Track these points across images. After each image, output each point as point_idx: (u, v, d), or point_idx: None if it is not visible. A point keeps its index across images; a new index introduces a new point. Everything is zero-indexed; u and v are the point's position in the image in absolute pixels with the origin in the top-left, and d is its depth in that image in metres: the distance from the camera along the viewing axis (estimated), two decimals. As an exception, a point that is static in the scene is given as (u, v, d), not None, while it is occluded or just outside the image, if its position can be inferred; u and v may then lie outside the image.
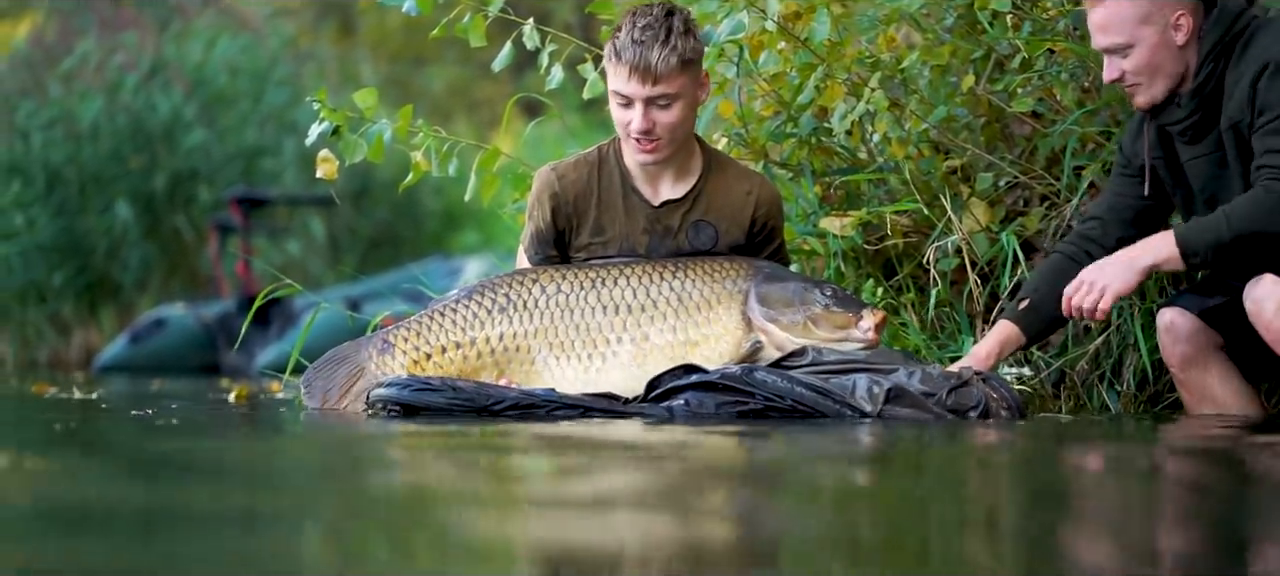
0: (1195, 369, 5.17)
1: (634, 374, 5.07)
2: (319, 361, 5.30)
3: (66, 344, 14.97)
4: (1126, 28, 4.95)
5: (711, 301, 5.09)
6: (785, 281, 5.13)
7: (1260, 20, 4.96)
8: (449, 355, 5.16)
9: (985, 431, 4.58)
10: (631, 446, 4.15)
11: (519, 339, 5.13)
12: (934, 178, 5.80)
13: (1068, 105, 5.68)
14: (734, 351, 5.08)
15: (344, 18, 21.06)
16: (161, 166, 15.21)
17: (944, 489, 3.38)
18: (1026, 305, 5.17)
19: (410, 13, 5.65)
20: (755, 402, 4.89)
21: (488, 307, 5.16)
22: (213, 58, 15.97)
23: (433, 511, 2.94)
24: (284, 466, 3.87)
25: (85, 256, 15.02)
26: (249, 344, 12.39)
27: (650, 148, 5.10)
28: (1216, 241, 4.89)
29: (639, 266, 5.14)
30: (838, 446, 4.24)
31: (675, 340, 5.09)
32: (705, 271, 5.11)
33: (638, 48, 5.03)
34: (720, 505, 3.05)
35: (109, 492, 3.15)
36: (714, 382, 4.92)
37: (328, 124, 5.62)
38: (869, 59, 5.79)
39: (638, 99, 5.06)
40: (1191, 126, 5.00)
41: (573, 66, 5.85)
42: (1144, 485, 3.49)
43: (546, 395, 4.97)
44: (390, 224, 16.85)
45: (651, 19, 5.06)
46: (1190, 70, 4.97)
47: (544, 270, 5.19)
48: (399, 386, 5.02)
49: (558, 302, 5.12)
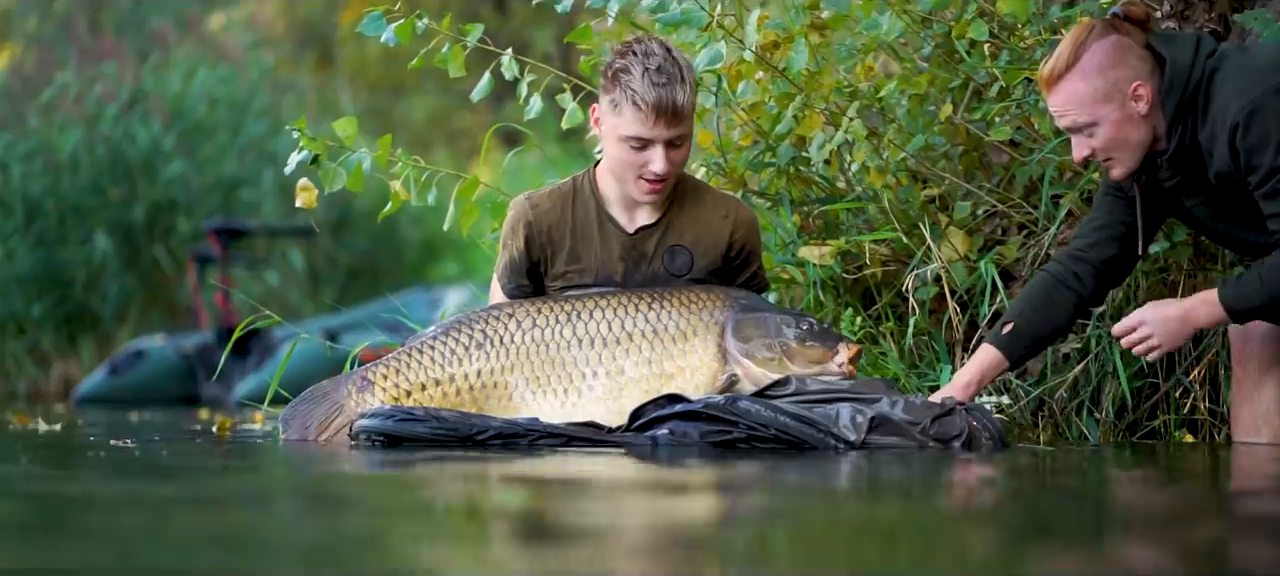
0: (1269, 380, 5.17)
1: (611, 407, 5.07)
2: (298, 399, 5.29)
3: (46, 375, 14.93)
4: (1086, 108, 4.87)
5: (687, 333, 5.08)
6: (761, 313, 5.11)
7: (1215, 64, 4.86)
8: (428, 392, 5.16)
9: (969, 460, 4.57)
10: (610, 479, 4.14)
11: (496, 375, 5.13)
12: (912, 207, 5.81)
13: (1045, 134, 5.69)
14: (710, 384, 5.07)
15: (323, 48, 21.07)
16: (141, 197, 15.19)
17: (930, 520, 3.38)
18: (1010, 330, 5.13)
19: (389, 43, 5.66)
20: (738, 432, 4.88)
21: (465, 344, 5.16)
22: (192, 88, 15.96)
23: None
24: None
25: (64, 288, 14.98)
26: (228, 375, 12.37)
27: (660, 187, 5.10)
28: (1261, 302, 4.90)
29: (614, 298, 5.13)
30: (821, 480, 4.24)
31: (650, 373, 5.08)
32: (681, 303, 5.11)
33: (660, 90, 4.99)
34: (707, 537, 3.04)
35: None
36: (697, 412, 4.92)
37: (307, 153, 5.62)
38: (847, 88, 5.81)
39: (659, 141, 5.03)
40: (1180, 183, 4.98)
41: (551, 96, 5.85)
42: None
43: (530, 424, 4.97)
44: (370, 254, 16.83)
45: (661, 60, 5.02)
46: (1160, 133, 4.91)
47: (520, 304, 5.18)
48: (382, 416, 5.02)
49: (534, 337, 5.12)
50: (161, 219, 15.29)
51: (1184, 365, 5.57)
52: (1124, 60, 4.88)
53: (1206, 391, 5.55)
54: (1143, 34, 4.91)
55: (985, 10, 5.70)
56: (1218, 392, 5.53)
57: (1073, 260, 5.14)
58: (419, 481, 4.12)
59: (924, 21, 5.86)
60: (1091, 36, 4.88)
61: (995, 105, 5.72)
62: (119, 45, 16.52)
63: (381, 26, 5.65)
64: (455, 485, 3.98)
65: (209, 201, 15.51)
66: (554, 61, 6.21)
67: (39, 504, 3.54)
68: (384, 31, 5.65)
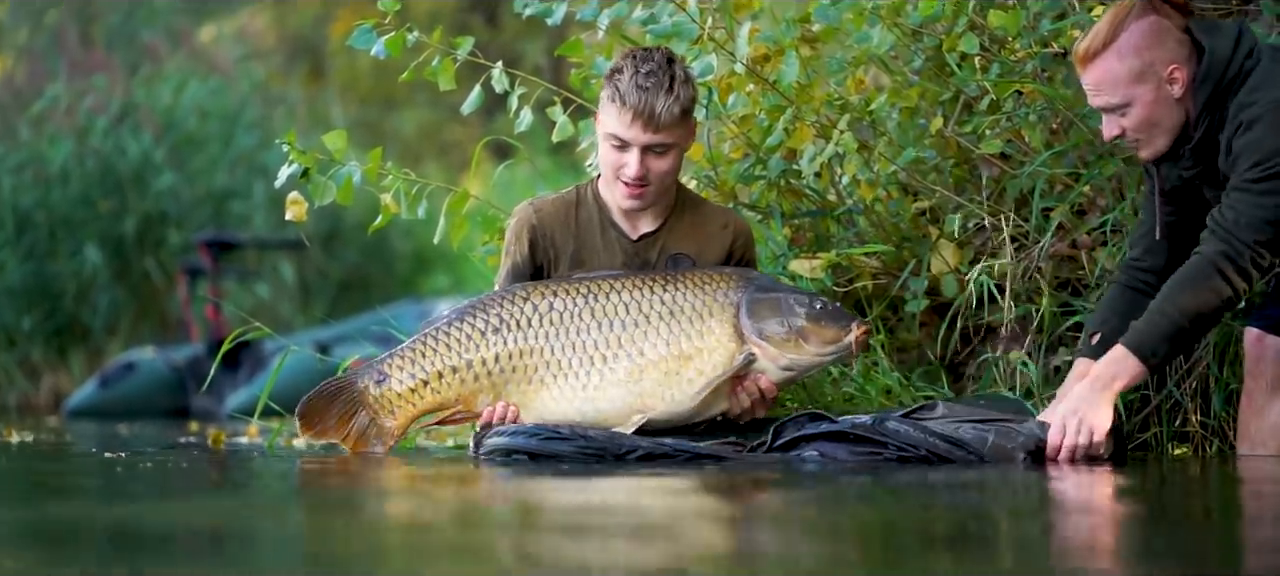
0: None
1: (631, 389, 5.06)
2: (310, 395, 5.22)
3: (36, 388, 14.91)
4: (1120, 87, 4.89)
5: (704, 314, 5.08)
6: (775, 293, 5.12)
7: (1252, 65, 4.87)
8: (446, 380, 5.13)
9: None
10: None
11: (515, 360, 5.11)
12: (903, 220, 5.81)
13: (1036, 147, 5.69)
14: (728, 363, 5.07)
15: (314, 61, 21.05)
16: (131, 210, 15.17)
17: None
18: (1099, 339, 5.10)
19: (380, 56, 5.65)
20: (889, 453, 4.88)
21: (480, 328, 5.13)
22: (182, 101, 15.94)
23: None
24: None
25: (54, 300, 14.96)
26: (218, 387, 12.36)
27: (638, 193, 5.12)
28: (1170, 332, 4.88)
29: (628, 280, 5.13)
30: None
31: (670, 354, 5.08)
32: (696, 283, 5.12)
33: (642, 93, 5.03)
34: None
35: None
36: (844, 432, 4.91)
37: (297, 166, 5.62)
38: (838, 101, 5.80)
39: (635, 145, 5.07)
40: (1199, 174, 4.98)
41: (542, 109, 5.85)
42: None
43: (677, 445, 4.96)
44: (360, 267, 16.82)
45: (654, 66, 5.07)
46: (1191, 119, 4.91)
47: (534, 287, 5.16)
48: (525, 435, 4.99)
49: (552, 320, 5.10)
50: (152, 231, 15.28)
51: (1175, 377, 5.57)
52: (1161, 42, 4.89)
53: (1197, 404, 5.55)
54: (1182, 18, 4.92)
55: (976, 24, 5.71)
56: (1208, 404, 5.52)
57: (1136, 271, 5.16)
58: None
59: (915, 35, 5.86)
60: (1130, 16, 4.89)
61: (986, 118, 5.72)
62: (110, 58, 16.50)
63: (372, 39, 5.64)
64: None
65: (199, 214, 15.50)
66: (545, 75, 6.21)
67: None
68: (374, 44, 5.64)
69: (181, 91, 16.04)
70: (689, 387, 5.07)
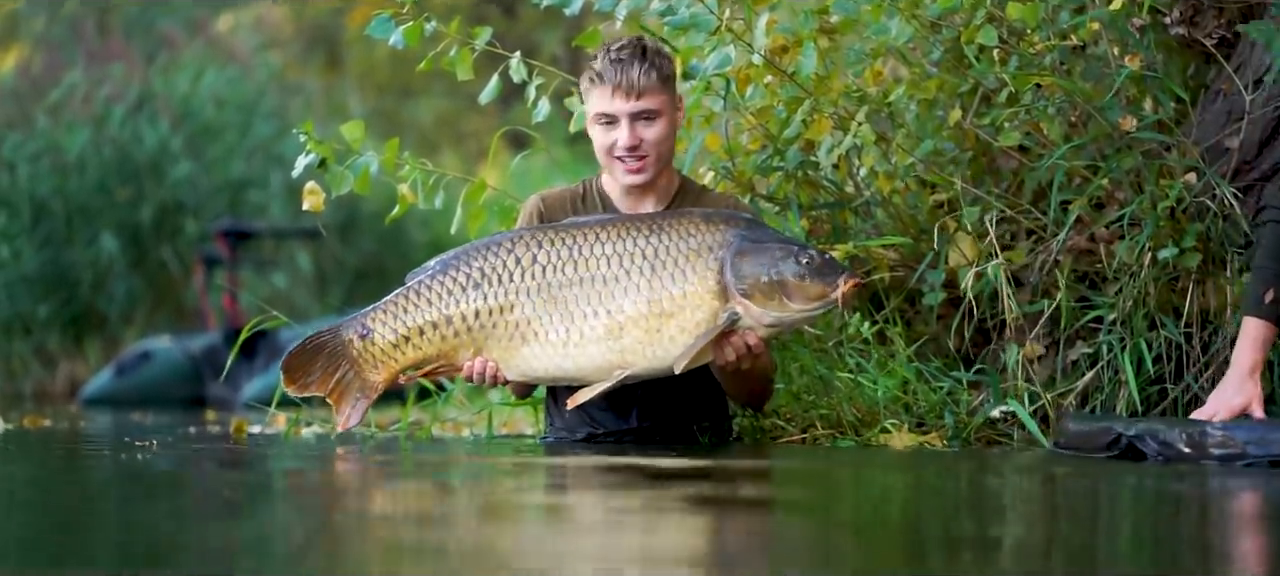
0: None
1: (611, 347, 5.03)
2: (293, 349, 5.19)
3: (52, 376, 14.92)
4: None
5: (686, 268, 5.02)
6: (761, 245, 5.03)
7: None
8: (428, 337, 5.11)
9: None
10: None
11: (495, 316, 5.09)
12: (921, 212, 5.80)
13: (1054, 139, 5.68)
14: (710, 320, 5.01)
15: (331, 50, 21.06)
16: (148, 198, 15.18)
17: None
18: (1273, 297, 5.05)
19: (397, 45, 5.65)
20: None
21: (462, 283, 5.10)
22: (200, 90, 15.95)
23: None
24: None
25: (71, 288, 14.97)
26: (235, 376, 12.36)
27: (638, 166, 5.16)
28: (1269, 279, 4.91)
29: (613, 228, 5.08)
30: None
31: (650, 311, 5.02)
32: (680, 232, 5.04)
33: (618, 66, 5.14)
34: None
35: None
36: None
37: (314, 156, 5.62)
38: (856, 93, 5.79)
39: (623, 115, 5.14)
40: None
41: (559, 99, 5.86)
42: None
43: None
44: (377, 256, 16.82)
45: (625, 43, 5.20)
46: None
47: (519, 236, 5.13)
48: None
49: (533, 274, 5.07)
50: (169, 220, 15.29)
51: (1193, 370, 5.55)
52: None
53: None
54: None
55: (994, 16, 5.69)
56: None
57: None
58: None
59: (933, 27, 5.85)
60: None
61: (1004, 110, 5.71)
62: (127, 46, 16.52)
63: (390, 29, 5.65)
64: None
65: (216, 203, 15.51)
66: (562, 64, 6.23)
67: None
68: (392, 34, 5.65)
69: (199, 80, 16.05)
70: (671, 346, 5.01)
